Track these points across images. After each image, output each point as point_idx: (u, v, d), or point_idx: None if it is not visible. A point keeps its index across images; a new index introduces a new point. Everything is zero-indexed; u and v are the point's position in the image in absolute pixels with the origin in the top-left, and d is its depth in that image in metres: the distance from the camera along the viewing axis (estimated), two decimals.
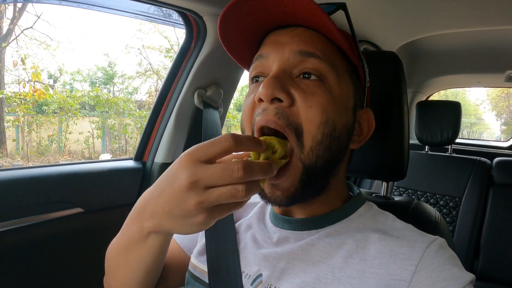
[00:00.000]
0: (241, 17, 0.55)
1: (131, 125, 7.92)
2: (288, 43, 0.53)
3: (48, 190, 0.89)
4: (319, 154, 0.52)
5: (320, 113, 0.51)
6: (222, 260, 0.61)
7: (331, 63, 0.53)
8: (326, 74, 0.52)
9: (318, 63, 0.52)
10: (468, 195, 1.85)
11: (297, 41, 0.53)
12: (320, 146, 0.51)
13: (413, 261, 0.49)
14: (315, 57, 0.52)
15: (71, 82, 9.14)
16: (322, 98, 0.51)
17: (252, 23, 0.56)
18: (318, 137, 0.51)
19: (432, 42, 1.96)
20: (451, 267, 0.48)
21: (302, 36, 0.53)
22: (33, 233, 0.86)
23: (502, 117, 17.52)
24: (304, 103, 0.50)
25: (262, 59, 0.55)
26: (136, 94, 10.29)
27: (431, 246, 0.51)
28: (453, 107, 2.00)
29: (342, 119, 0.53)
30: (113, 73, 10.22)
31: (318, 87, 0.51)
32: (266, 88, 0.49)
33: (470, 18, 1.33)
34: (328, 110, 0.51)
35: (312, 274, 0.53)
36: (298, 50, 0.52)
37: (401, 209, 0.75)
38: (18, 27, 6.41)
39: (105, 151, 7.88)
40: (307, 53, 0.52)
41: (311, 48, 0.52)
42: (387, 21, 1.42)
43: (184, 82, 1.09)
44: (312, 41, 0.53)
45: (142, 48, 11.22)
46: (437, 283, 0.47)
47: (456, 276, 0.47)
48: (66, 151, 7.11)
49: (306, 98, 0.51)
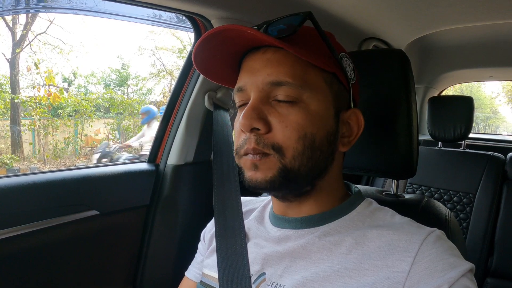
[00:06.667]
0: (214, 50, 0.59)
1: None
2: (260, 71, 0.56)
3: (63, 193, 0.92)
4: (302, 163, 0.55)
5: (297, 130, 0.54)
6: (233, 264, 0.63)
7: (303, 83, 0.55)
8: (299, 96, 0.55)
9: (289, 90, 0.54)
10: (482, 191, 1.82)
11: (268, 68, 0.55)
12: (302, 156, 0.54)
13: (411, 252, 0.51)
14: (286, 85, 0.54)
15: (85, 85, 9.31)
16: (297, 116, 0.54)
17: (227, 50, 0.60)
18: (299, 149, 0.54)
19: (443, 36, 1.93)
20: (449, 256, 0.50)
21: (273, 59, 0.56)
22: (50, 236, 0.89)
23: None
24: (280, 125, 0.54)
25: (242, 91, 0.59)
26: (150, 95, 10.41)
27: (428, 237, 0.52)
28: (466, 102, 1.96)
29: (321, 130, 0.56)
30: (127, 75, 10.36)
31: (292, 107, 0.55)
32: (244, 119, 0.54)
33: (482, 12, 1.30)
34: (305, 126, 0.54)
35: (312, 269, 0.55)
36: (270, 82, 0.55)
37: (411, 207, 0.75)
38: (31, 33, 6.55)
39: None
40: (277, 83, 0.55)
41: (282, 76, 0.54)
42: (397, 17, 1.41)
43: (195, 85, 1.11)
44: (282, 65, 0.55)
45: (155, 49, 11.35)
46: (435, 272, 0.48)
47: (455, 265, 0.48)
48: (82, 153, 7.25)
49: (282, 120, 0.54)
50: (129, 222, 1.07)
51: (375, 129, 0.74)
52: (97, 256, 1.00)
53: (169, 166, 1.13)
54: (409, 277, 0.49)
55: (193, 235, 1.14)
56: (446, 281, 0.47)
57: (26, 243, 0.84)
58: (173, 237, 1.12)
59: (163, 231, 1.11)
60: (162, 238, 1.11)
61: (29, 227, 0.84)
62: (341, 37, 1.41)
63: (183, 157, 1.13)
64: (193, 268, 0.79)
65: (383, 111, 0.74)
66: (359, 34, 1.52)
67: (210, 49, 0.59)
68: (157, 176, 1.13)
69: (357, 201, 0.63)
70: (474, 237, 1.75)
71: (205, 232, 0.80)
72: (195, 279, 0.78)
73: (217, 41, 0.57)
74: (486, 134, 3.28)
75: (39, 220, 0.86)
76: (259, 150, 0.54)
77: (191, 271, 0.79)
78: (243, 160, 0.58)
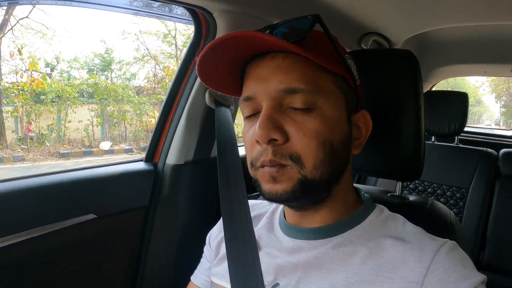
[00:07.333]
0: (218, 56, 0.56)
1: (130, 112, 7.92)
2: (271, 78, 0.54)
3: (59, 198, 0.87)
4: (324, 171, 0.54)
5: (315, 137, 0.53)
6: (247, 275, 0.61)
7: (316, 88, 0.54)
8: (314, 102, 0.54)
9: (305, 97, 0.53)
10: (475, 187, 1.86)
11: (279, 75, 0.53)
12: (324, 164, 0.53)
13: (424, 263, 0.51)
14: (300, 92, 0.53)
15: (68, 70, 9.06)
16: (314, 123, 0.53)
17: (229, 57, 0.57)
18: (320, 156, 0.53)
19: (440, 32, 1.92)
20: (462, 268, 0.50)
21: (283, 66, 0.54)
22: (47, 243, 0.84)
23: (502, 99, 17.52)
24: (297, 134, 0.53)
25: (251, 100, 0.56)
26: (134, 80, 10.24)
27: (441, 249, 0.52)
28: (461, 98, 1.99)
29: (338, 134, 0.55)
30: (111, 59, 10.15)
31: (308, 114, 0.53)
32: (261, 130, 0.52)
33: (483, 12, 1.30)
34: (323, 133, 0.53)
35: (327, 281, 0.54)
36: (283, 89, 0.53)
37: (417, 210, 0.76)
38: (13, 17, 6.29)
39: (105, 139, 7.88)
40: (291, 90, 0.53)
41: (295, 83, 0.53)
42: (399, 13, 1.39)
43: (195, 81, 1.06)
44: (294, 71, 0.53)
45: (139, 33, 11.13)
46: (448, 284, 0.48)
47: (467, 276, 0.49)
48: (66, 140, 7.09)
49: (299, 128, 0.53)
50: (127, 224, 1.03)
51: (381, 131, 0.73)
52: (95, 262, 0.96)
53: (169, 166, 1.09)
54: None
55: (194, 237, 1.11)
56: None
57: (21, 252, 0.80)
58: (174, 239, 1.08)
59: (163, 233, 1.08)
60: (162, 241, 1.08)
61: (23, 235, 0.79)
62: (341, 31, 1.40)
63: (183, 156, 1.09)
64: (200, 275, 0.77)
65: (391, 112, 0.73)
66: (360, 29, 1.50)
67: (215, 56, 0.56)
68: (156, 176, 1.09)
69: (369, 209, 0.62)
70: (467, 231, 1.80)
71: (211, 237, 0.78)
72: (202, 286, 0.76)
73: (223, 48, 0.54)
74: (479, 128, 3.33)
75: (34, 227, 0.81)
76: (276, 162, 0.53)
77: (198, 277, 0.77)
78: (260, 173, 0.55)
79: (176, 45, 11.33)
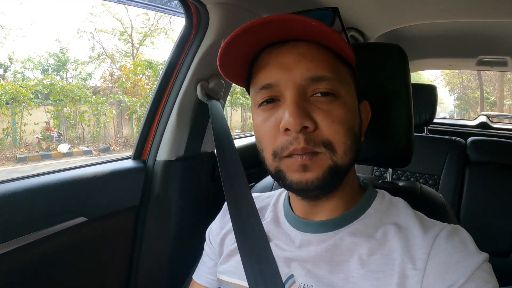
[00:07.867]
0: (242, 42, 0.54)
1: (88, 112, 7.62)
2: (296, 66, 0.53)
3: (47, 201, 0.82)
4: (351, 157, 0.55)
5: (342, 125, 0.53)
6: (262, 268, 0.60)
7: (339, 77, 0.55)
8: (338, 90, 0.54)
9: (331, 84, 0.53)
10: (446, 174, 1.96)
11: (304, 63, 0.53)
12: (351, 150, 0.55)
13: (425, 249, 0.52)
14: (326, 80, 0.53)
15: (22, 70, 8.51)
16: (340, 111, 0.54)
17: (254, 44, 0.56)
18: (348, 143, 0.54)
19: (409, 28, 2.01)
20: (463, 249, 0.51)
21: (308, 55, 0.54)
22: (37, 250, 0.79)
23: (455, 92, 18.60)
24: (326, 122, 0.53)
25: (271, 88, 0.55)
26: (90, 80, 9.86)
27: (440, 234, 0.53)
28: (430, 90, 2.08)
29: (356, 122, 0.57)
30: (66, 59, 9.70)
31: (333, 102, 0.54)
32: (293, 118, 0.51)
33: (453, 9, 1.38)
34: (348, 120, 0.54)
35: (339, 274, 0.54)
36: (309, 77, 0.53)
37: (410, 195, 0.78)
38: None
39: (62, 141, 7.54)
40: (318, 78, 0.53)
41: (321, 71, 0.53)
42: (375, 9, 1.44)
43: (185, 75, 1.03)
44: (318, 60, 0.54)
45: (94, 31, 10.71)
46: (450, 266, 0.49)
47: (469, 256, 0.49)
48: (22, 144, 6.67)
49: (327, 116, 0.53)
50: (119, 225, 0.98)
51: (375, 121, 0.74)
52: (88, 265, 0.91)
53: (159, 162, 1.05)
54: (425, 274, 0.50)
55: (188, 233, 1.08)
56: (462, 274, 0.48)
57: (10, 262, 0.74)
58: (168, 238, 1.05)
59: (157, 232, 1.04)
60: (155, 240, 1.04)
61: (12, 244, 0.73)
62: None
63: (174, 152, 1.06)
64: (204, 274, 0.74)
65: (383, 103, 0.75)
66: (338, 23, 1.53)
67: (243, 40, 0.54)
68: (146, 173, 1.05)
69: (371, 196, 0.63)
70: None
71: (211, 234, 0.75)
72: (208, 284, 0.73)
73: (254, 32, 0.52)
74: (443, 119, 3.52)
75: (22, 235, 0.76)
76: (310, 149, 0.52)
77: (202, 277, 0.74)
78: (287, 162, 0.54)
79: (132, 43, 11.03)
